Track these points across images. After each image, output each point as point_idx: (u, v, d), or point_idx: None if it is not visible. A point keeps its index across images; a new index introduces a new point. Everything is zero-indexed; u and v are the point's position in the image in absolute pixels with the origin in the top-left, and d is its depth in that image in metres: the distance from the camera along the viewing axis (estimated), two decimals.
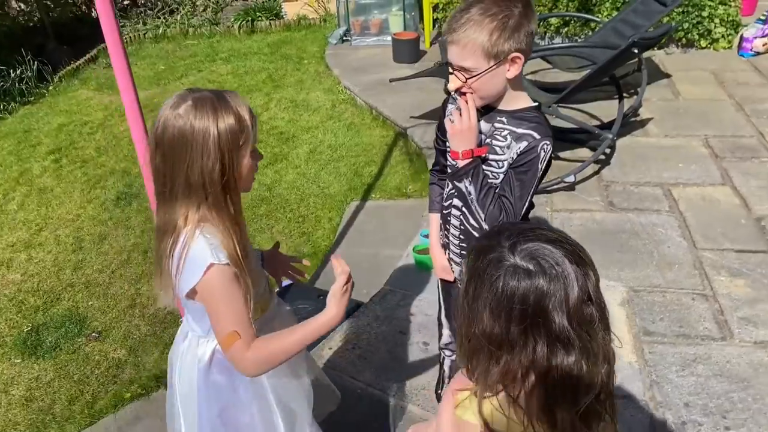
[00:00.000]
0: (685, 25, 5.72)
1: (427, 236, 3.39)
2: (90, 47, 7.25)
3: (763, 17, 5.70)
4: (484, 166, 1.69)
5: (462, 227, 1.83)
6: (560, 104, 3.84)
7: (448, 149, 1.79)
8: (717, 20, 5.74)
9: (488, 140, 1.69)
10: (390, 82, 4.28)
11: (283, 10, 7.70)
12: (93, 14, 8.26)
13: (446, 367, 2.24)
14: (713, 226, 3.37)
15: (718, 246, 3.20)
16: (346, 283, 1.47)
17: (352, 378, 2.54)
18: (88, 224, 4.11)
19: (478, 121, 1.67)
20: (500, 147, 1.67)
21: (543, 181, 1.79)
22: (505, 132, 1.66)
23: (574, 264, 1.04)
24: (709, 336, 2.64)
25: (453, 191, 1.81)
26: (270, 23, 7.53)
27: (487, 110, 1.69)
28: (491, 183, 1.68)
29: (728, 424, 2.25)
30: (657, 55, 5.76)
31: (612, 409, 1.13)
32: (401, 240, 3.55)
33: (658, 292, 2.90)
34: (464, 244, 1.85)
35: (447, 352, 2.21)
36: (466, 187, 1.68)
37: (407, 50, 5.98)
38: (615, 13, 5.51)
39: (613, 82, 4.01)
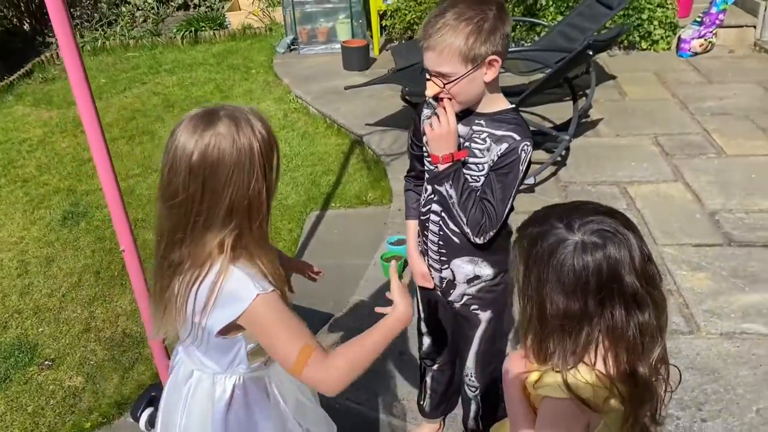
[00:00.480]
0: (615, 23, 5.88)
1: (393, 243, 3.36)
2: (24, 61, 6.93)
3: (698, 19, 5.92)
4: (464, 170, 1.67)
5: (441, 233, 1.80)
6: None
7: (426, 154, 1.76)
8: (656, 22, 5.93)
9: (467, 143, 1.67)
10: (345, 89, 4.24)
11: (227, 19, 7.55)
12: (25, 27, 7.91)
13: (428, 378, 2.19)
14: (670, 222, 3.45)
15: (677, 241, 3.28)
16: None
17: None
18: (33, 247, 3.90)
19: (457, 124, 1.64)
20: (479, 150, 1.65)
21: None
22: (484, 135, 1.65)
23: (629, 230, 1.12)
24: (677, 330, 2.68)
25: (432, 196, 1.78)
26: (214, 33, 7.38)
27: (465, 113, 1.67)
28: (472, 186, 1.66)
29: (704, 416, 2.29)
30: (601, 57, 5.90)
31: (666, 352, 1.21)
32: (366, 249, 3.50)
33: None
34: (443, 250, 1.82)
35: (428, 362, 2.16)
36: (447, 191, 1.65)
37: (357, 58, 5.95)
38: (559, 17, 5.63)
39: (567, 84, 4.07)
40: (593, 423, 1.16)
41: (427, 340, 2.12)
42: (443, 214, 1.77)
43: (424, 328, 2.11)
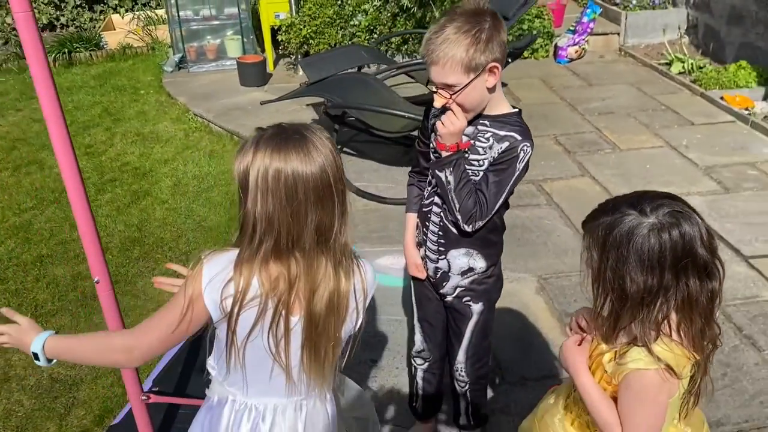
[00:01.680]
0: (509, 38, 6.25)
1: None
2: None
3: (572, 28, 6.43)
4: (465, 165, 1.75)
5: (441, 224, 1.88)
6: None
7: (432, 148, 1.83)
8: (535, 32, 6.35)
9: (472, 142, 1.76)
10: (261, 104, 4.17)
11: (103, 39, 7.13)
12: None
13: (419, 379, 2.21)
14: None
15: None
16: None
17: None
18: None
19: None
20: (482, 148, 1.75)
21: None
22: (488, 134, 1.74)
23: (691, 209, 1.25)
24: None
25: (435, 189, 1.84)
26: (90, 54, 6.93)
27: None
28: (471, 179, 1.76)
29: None
30: None
31: None
32: None
33: (564, 277, 3.13)
34: (442, 240, 1.90)
35: (419, 361, 2.19)
36: (447, 177, 1.75)
37: (254, 74, 5.85)
38: None
39: None
40: (672, 391, 1.25)
41: (419, 337, 2.15)
42: (444, 205, 1.83)
43: (417, 325, 2.14)
